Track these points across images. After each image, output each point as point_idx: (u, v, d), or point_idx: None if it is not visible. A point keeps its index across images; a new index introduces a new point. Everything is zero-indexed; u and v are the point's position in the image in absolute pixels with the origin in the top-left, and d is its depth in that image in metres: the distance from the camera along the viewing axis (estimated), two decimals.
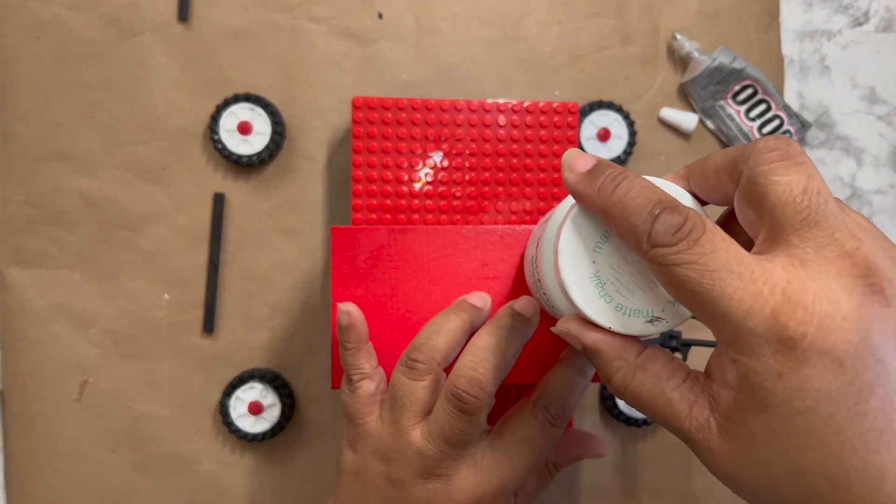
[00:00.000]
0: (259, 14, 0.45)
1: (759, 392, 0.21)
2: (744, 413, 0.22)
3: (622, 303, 0.25)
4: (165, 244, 0.45)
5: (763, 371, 0.21)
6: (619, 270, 0.25)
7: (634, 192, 0.23)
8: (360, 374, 0.34)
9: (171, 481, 0.45)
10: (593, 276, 0.25)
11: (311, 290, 0.46)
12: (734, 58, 0.46)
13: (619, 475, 0.48)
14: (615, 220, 0.24)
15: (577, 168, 0.25)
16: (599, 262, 0.25)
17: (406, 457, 0.32)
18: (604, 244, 0.26)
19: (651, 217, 0.23)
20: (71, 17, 0.44)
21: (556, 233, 0.26)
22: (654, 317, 0.26)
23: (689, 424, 0.24)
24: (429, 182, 0.40)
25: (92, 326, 0.45)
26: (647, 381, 0.25)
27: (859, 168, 0.50)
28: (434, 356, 0.33)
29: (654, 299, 0.25)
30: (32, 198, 0.44)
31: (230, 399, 0.44)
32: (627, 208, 0.23)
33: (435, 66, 0.46)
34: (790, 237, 0.22)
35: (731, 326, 0.21)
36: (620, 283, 0.25)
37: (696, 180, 0.26)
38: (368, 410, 0.34)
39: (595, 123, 0.45)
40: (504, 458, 0.33)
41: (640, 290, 0.25)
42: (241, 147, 0.44)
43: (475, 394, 0.31)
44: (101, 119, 0.45)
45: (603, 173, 0.25)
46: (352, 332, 0.34)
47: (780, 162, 0.23)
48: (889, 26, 0.50)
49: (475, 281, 0.36)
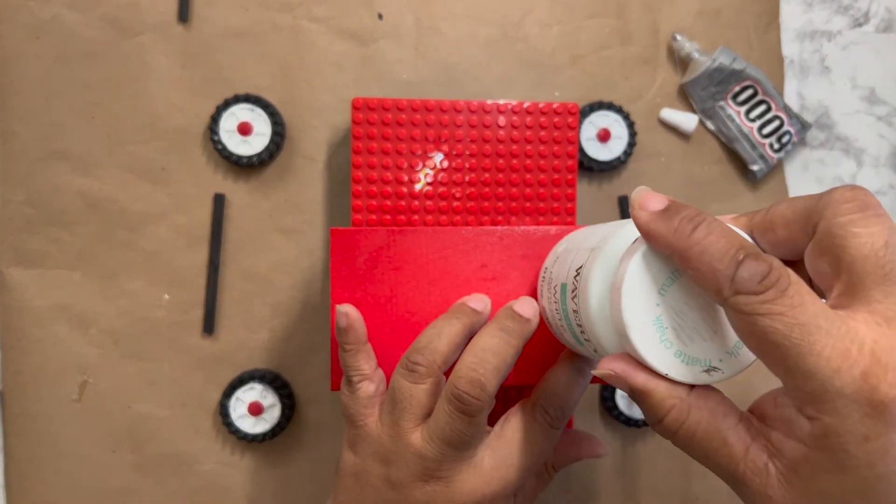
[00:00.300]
0: (259, 14, 0.45)
1: (839, 454, 0.21)
2: (815, 471, 0.22)
3: (682, 349, 0.24)
4: (165, 244, 0.45)
5: (847, 433, 0.21)
6: (682, 316, 0.24)
7: (716, 236, 0.22)
8: (359, 376, 0.34)
9: (171, 481, 0.46)
10: (656, 319, 0.24)
11: (311, 290, 0.46)
12: (734, 58, 0.46)
13: (618, 476, 0.48)
14: (692, 264, 0.23)
15: (649, 206, 0.24)
16: (664, 306, 0.24)
17: (405, 459, 0.32)
18: (670, 286, 0.24)
19: (735, 262, 0.22)
20: (71, 17, 0.44)
21: (621, 270, 0.25)
22: (711, 366, 0.25)
23: (744, 466, 0.23)
24: (429, 183, 0.40)
25: (92, 326, 0.45)
26: (702, 419, 0.24)
27: (859, 169, 0.50)
28: (435, 359, 0.33)
29: (714, 348, 0.25)
30: (32, 198, 0.44)
31: (230, 399, 0.44)
32: (707, 251, 0.22)
33: (435, 66, 0.46)
34: (871, 292, 0.21)
35: (816, 385, 0.21)
36: (682, 328, 0.24)
37: (761, 232, 0.26)
38: (368, 412, 0.34)
39: (595, 124, 0.45)
40: (503, 459, 0.33)
41: (701, 337, 0.24)
42: (241, 147, 0.44)
43: (476, 395, 0.31)
44: (101, 119, 0.45)
45: (679, 213, 0.24)
46: (350, 333, 0.34)
47: (860, 213, 0.22)
48: (889, 27, 0.50)
49: (475, 282, 0.36)
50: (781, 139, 0.48)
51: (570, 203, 0.40)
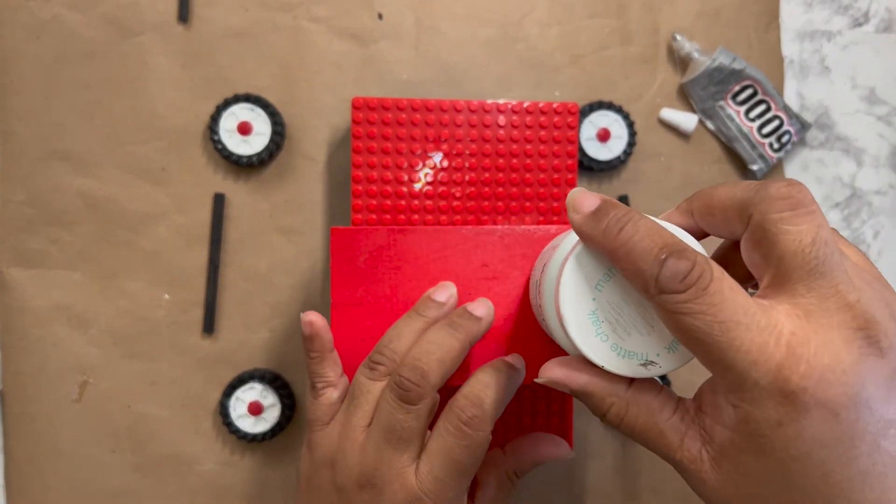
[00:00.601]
0: (259, 14, 0.45)
1: (758, 438, 0.22)
2: (740, 453, 0.23)
3: (618, 343, 0.26)
4: (165, 244, 0.45)
5: (763, 420, 0.22)
6: (618, 311, 0.26)
7: (640, 236, 0.24)
8: (323, 383, 0.35)
9: (171, 481, 0.45)
10: (591, 313, 0.26)
11: (311, 290, 0.46)
12: (734, 58, 0.46)
13: (619, 475, 0.48)
14: (621, 263, 0.24)
15: (582, 208, 0.25)
16: (599, 301, 0.26)
17: (348, 460, 0.32)
18: (606, 283, 0.26)
19: (658, 262, 0.23)
20: (71, 17, 0.44)
21: (560, 266, 0.26)
22: (648, 360, 0.26)
23: (680, 454, 0.25)
24: (429, 182, 0.40)
25: (92, 326, 0.45)
26: (639, 414, 0.26)
27: (859, 168, 0.50)
28: (395, 358, 0.33)
29: (651, 343, 0.26)
30: (32, 198, 0.44)
31: (230, 399, 0.44)
32: (633, 251, 0.23)
33: (435, 66, 0.46)
34: (796, 286, 0.23)
35: (735, 376, 0.22)
36: (618, 323, 0.26)
37: (700, 215, 0.27)
38: (329, 418, 0.34)
39: (595, 123, 0.46)
40: (429, 470, 0.31)
41: (638, 332, 0.26)
42: (241, 147, 0.44)
43: (417, 381, 0.31)
44: (101, 119, 0.45)
45: (607, 215, 0.25)
46: (315, 341, 0.35)
47: (792, 211, 0.23)
48: (889, 27, 0.50)
49: (475, 281, 0.36)
50: (781, 139, 0.48)
51: None
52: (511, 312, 0.36)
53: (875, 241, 0.50)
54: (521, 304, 0.36)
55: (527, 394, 0.41)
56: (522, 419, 0.41)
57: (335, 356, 0.36)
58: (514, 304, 0.36)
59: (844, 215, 0.50)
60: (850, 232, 0.50)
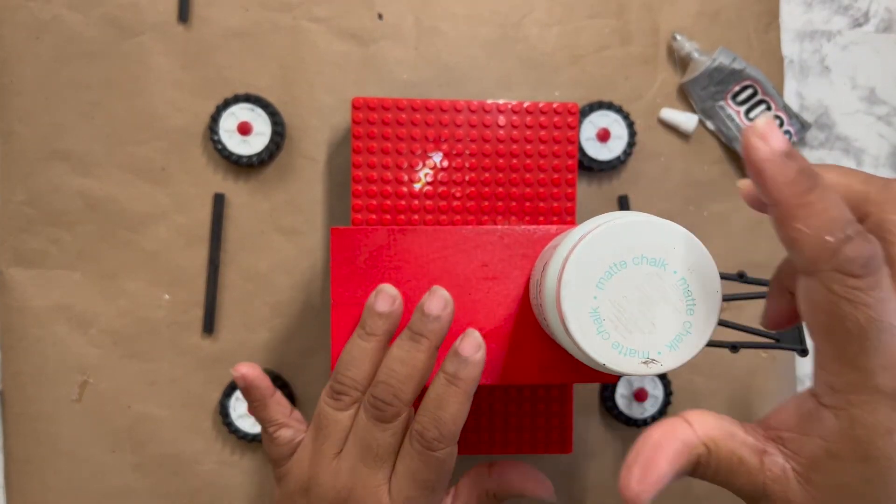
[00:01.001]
0: (259, 14, 0.45)
1: (864, 444, 0.21)
2: (837, 462, 0.22)
3: (619, 341, 0.26)
4: (165, 244, 0.45)
5: (874, 425, 0.21)
6: (619, 308, 0.26)
7: (829, 203, 0.21)
8: (275, 426, 0.35)
9: (171, 481, 0.45)
10: (593, 311, 0.26)
11: (311, 290, 0.46)
12: (734, 58, 0.46)
13: (618, 475, 0.48)
14: (796, 222, 0.21)
15: (771, 141, 0.22)
16: (601, 299, 0.26)
17: (322, 485, 0.32)
18: (608, 280, 0.26)
19: (844, 238, 0.21)
20: (71, 17, 0.44)
21: (562, 264, 0.26)
22: (650, 358, 0.26)
23: (762, 476, 0.23)
24: (429, 182, 0.40)
25: (92, 326, 0.45)
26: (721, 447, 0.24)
27: (859, 168, 0.50)
28: (356, 385, 0.33)
29: (653, 341, 0.26)
30: (32, 198, 0.44)
31: (230, 399, 0.44)
32: (819, 216, 0.21)
33: (435, 66, 0.46)
34: None
35: (859, 377, 0.21)
36: (620, 321, 0.26)
37: None
38: (290, 452, 0.35)
39: (595, 124, 0.46)
40: (399, 490, 0.32)
41: (640, 330, 0.26)
42: (241, 147, 0.44)
43: (390, 401, 0.31)
44: (101, 119, 0.45)
45: (797, 163, 0.22)
46: (253, 391, 0.35)
47: None
48: (889, 27, 0.50)
49: (475, 281, 0.36)
50: None
51: (570, 203, 0.40)
52: (511, 312, 0.36)
53: None
54: (520, 304, 0.36)
55: (527, 394, 0.41)
56: (522, 419, 0.41)
57: (278, 396, 0.36)
58: (514, 303, 0.36)
59: None
60: None
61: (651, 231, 0.26)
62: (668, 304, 0.26)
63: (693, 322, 0.26)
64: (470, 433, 0.41)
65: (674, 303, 0.26)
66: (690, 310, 0.26)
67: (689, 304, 0.26)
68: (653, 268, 0.26)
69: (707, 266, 0.26)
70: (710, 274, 0.26)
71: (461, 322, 0.35)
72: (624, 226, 0.26)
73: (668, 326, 0.26)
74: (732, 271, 0.38)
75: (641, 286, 0.26)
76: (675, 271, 0.26)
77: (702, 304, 0.26)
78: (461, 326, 0.35)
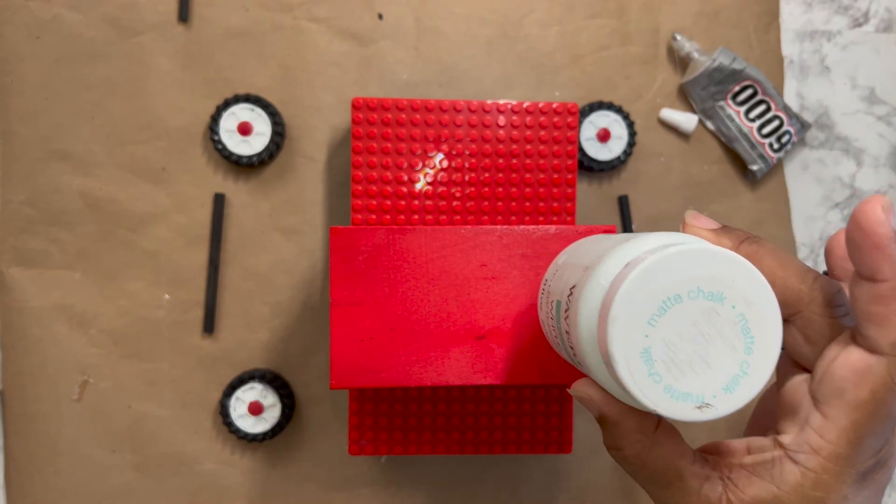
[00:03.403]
0: (259, 14, 0.45)
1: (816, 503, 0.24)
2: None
3: (672, 384, 0.23)
4: (165, 244, 0.45)
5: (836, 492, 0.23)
6: (672, 348, 0.23)
7: None
8: None
9: (171, 481, 0.46)
10: (644, 351, 0.23)
11: (311, 290, 0.46)
12: (734, 58, 0.46)
13: (619, 475, 0.48)
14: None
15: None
16: (653, 337, 0.23)
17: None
18: (661, 317, 0.23)
19: None
20: (71, 17, 0.44)
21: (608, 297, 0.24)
22: (704, 403, 0.23)
23: (696, 499, 0.25)
24: (429, 182, 0.40)
25: (92, 326, 0.45)
26: (660, 455, 0.25)
27: (859, 169, 0.50)
28: None
29: (707, 383, 0.23)
30: (32, 198, 0.44)
31: (230, 399, 0.44)
32: None
33: (435, 66, 0.46)
34: None
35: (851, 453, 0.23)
36: (673, 361, 0.23)
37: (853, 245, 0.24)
38: None
39: (595, 124, 0.46)
40: None
41: (693, 371, 0.23)
42: (241, 147, 0.44)
43: None
44: (101, 119, 0.45)
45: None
46: None
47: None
48: (889, 27, 0.50)
49: (474, 281, 0.36)
50: (781, 139, 0.48)
51: (570, 203, 0.40)
52: (510, 312, 0.36)
53: None
54: (520, 303, 0.36)
55: (526, 394, 0.41)
56: (522, 419, 0.41)
57: None
58: (513, 303, 0.36)
59: (844, 215, 0.50)
60: None
61: (709, 261, 0.23)
62: (725, 343, 0.23)
63: (751, 362, 0.24)
64: (470, 433, 0.41)
65: (731, 341, 0.24)
66: (749, 348, 0.24)
67: (747, 342, 0.24)
68: (709, 302, 0.23)
69: (767, 300, 0.24)
70: (771, 308, 0.24)
71: (459, 322, 0.35)
72: (680, 255, 0.23)
73: (724, 367, 0.23)
74: None
75: (697, 322, 0.23)
76: (733, 306, 0.23)
77: (761, 341, 0.24)
78: (460, 326, 0.35)
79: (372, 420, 0.41)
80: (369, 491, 0.46)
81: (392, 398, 0.41)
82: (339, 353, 0.36)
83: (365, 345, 0.36)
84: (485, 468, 0.47)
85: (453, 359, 0.35)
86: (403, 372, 0.35)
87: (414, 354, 0.35)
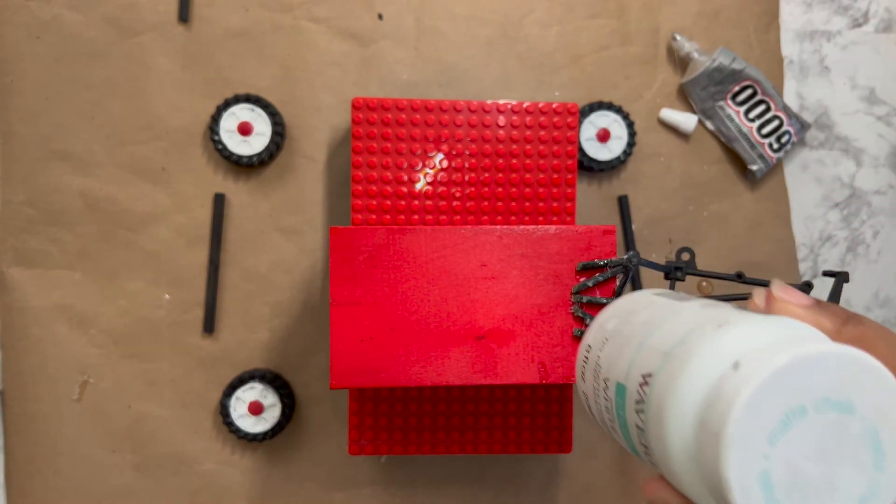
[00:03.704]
0: (259, 14, 0.45)
1: None
2: None
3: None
4: (165, 244, 0.45)
5: None
6: (794, 469, 0.20)
7: None
8: None
9: (171, 481, 0.46)
10: (762, 474, 0.20)
11: (311, 290, 0.46)
12: (734, 58, 0.46)
13: (619, 475, 0.48)
14: None
15: None
16: (773, 458, 0.20)
17: None
18: (783, 433, 0.20)
19: None
20: (71, 17, 0.44)
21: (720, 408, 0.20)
22: None
23: None
24: (429, 182, 0.40)
25: (92, 326, 0.45)
26: None
27: (859, 168, 0.50)
28: None
29: None
30: (32, 198, 0.44)
31: (230, 399, 0.44)
32: None
33: (435, 66, 0.46)
34: None
35: None
36: (794, 484, 0.20)
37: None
38: None
39: (595, 124, 0.46)
40: None
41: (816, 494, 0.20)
42: (241, 147, 0.44)
43: None
44: (101, 119, 0.45)
45: None
46: None
47: None
48: (889, 27, 0.50)
49: (474, 281, 0.36)
50: (781, 139, 0.48)
51: (570, 203, 0.40)
52: (510, 312, 0.36)
53: (875, 241, 0.50)
54: (520, 303, 0.36)
55: (526, 394, 0.41)
56: (522, 419, 0.41)
57: None
58: (513, 303, 0.36)
59: (844, 215, 0.50)
60: (849, 232, 0.50)
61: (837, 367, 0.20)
62: (852, 459, 0.20)
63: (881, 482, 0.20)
64: (470, 433, 0.41)
65: (859, 457, 0.20)
66: (879, 465, 0.20)
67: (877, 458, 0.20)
68: (837, 414, 0.20)
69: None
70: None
71: (459, 322, 0.35)
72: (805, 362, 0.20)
73: (850, 488, 0.20)
74: (731, 271, 0.38)
75: (823, 438, 0.20)
76: (863, 417, 0.20)
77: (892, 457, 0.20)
78: (459, 326, 0.35)
79: (372, 420, 0.41)
80: (369, 491, 0.46)
81: (392, 398, 0.41)
82: (339, 353, 0.36)
83: (365, 345, 0.36)
84: (485, 468, 0.47)
85: (453, 359, 0.35)
86: (403, 372, 0.35)
87: (414, 354, 0.35)
